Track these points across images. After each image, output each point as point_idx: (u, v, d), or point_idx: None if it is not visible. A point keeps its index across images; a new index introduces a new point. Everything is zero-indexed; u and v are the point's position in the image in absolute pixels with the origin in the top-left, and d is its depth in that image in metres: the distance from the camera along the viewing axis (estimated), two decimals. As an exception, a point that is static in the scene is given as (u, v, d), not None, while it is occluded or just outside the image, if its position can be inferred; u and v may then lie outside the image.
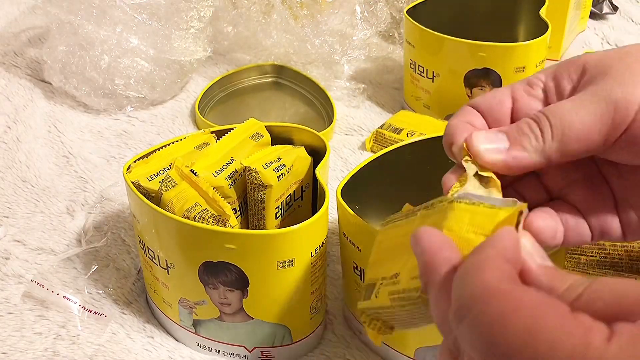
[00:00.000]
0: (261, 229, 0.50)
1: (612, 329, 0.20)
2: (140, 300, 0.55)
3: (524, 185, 0.34)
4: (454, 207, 0.29)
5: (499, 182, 0.31)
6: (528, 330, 0.21)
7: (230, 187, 0.49)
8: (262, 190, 0.48)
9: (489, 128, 0.33)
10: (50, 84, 0.79)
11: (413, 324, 0.31)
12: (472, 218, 0.28)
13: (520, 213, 0.27)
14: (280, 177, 0.48)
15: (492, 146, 0.31)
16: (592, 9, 0.96)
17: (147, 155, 0.49)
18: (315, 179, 0.50)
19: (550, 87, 0.32)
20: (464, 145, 0.32)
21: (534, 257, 0.25)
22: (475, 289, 0.23)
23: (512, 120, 0.32)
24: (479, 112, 0.33)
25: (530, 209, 0.32)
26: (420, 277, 0.27)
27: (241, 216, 0.51)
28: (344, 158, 0.72)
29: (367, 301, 0.33)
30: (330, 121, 0.75)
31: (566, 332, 0.20)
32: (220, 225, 0.45)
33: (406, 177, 0.53)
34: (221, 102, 0.81)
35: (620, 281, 0.22)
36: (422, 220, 0.31)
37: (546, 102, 0.32)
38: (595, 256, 0.51)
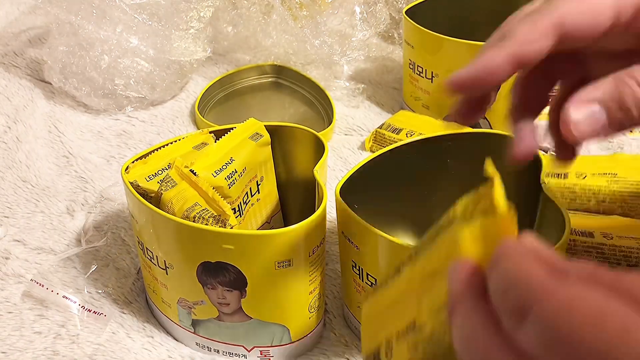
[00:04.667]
0: None
1: None
2: (140, 300, 0.55)
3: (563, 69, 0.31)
4: (451, 232, 0.27)
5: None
6: (595, 317, 0.20)
7: (229, 187, 0.49)
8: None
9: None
10: (50, 84, 0.79)
11: None
12: (473, 235, 0.26)
13: (510, 216, 0.26)
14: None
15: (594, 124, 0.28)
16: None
17: (145, 156, 0.49)
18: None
19: None
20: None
21: (545, 250, 0.25)
22: (531, 286, 0.22)
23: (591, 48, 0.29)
24: (559, 33, 0.28)
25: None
26: (448, 306, 0.26)
27: (240, 216, 0.52)
28: (344, 158, 0.72)
29: None
30: (330, 121, 0.75)
31: (633, 319, 0.20)
32: (220, 225, 0.45)
33: (405, 176, 0.53)
34: (221, 102, 0.81)
35: None
36: (426, 261, 0.29)
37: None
38: (593, 260, 0.51)
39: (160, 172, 0.49)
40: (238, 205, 0.51)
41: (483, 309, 0.24)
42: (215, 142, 0.52)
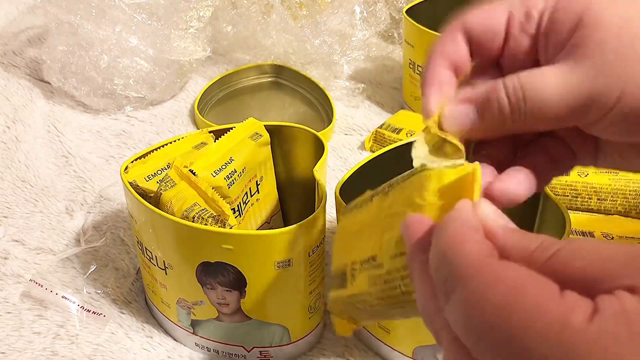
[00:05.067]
0: None
1: (596, 305, 0.20)
2: (139, 300, 0.55)
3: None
4: (418, 177, 0.29)
5: (461, 148, 0.30)
6: (505, 306, 0.21)
7: (229, 187, 0.49)
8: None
9: (471, 54, 0.32)
10: (50, 83, 0.79)
11: (388, 315, 0.30)
12: (435, 185, 0.28)
13: (473, 175, 0.27)
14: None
15: (461, 123, 0.30)
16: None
17: (144, 156, 0.49)
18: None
19: (542, 24, 0.30)
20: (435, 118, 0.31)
21: (497, 221, 0.25)
22: (457, 266, 0.23)
23: (502, 52, 0.31)
24: (467, 37, 0.32)
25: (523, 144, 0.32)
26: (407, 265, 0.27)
27: (240, 216, 0.51)
28: (344, 158, 0.72)
29: (341, 290, 0.32)
30: (330, 121, 0.75)
31: (543, 310, 0.20)
32: (220, 225, 0.45)
33: (405, 177, 0.53)
34: (220, 102, 0.80)
35: (603, 243, 0.22)
36: (393, 199, 0.30)
37: (534, 41, 0.31)
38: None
39: (159, 172, 0.49)
40: (237, 205, 0.51)
41: (428, 274, 0.25)
42: (215, 141, 0.51)
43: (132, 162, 0.48)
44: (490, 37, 0.31)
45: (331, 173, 0.69)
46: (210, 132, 0.52)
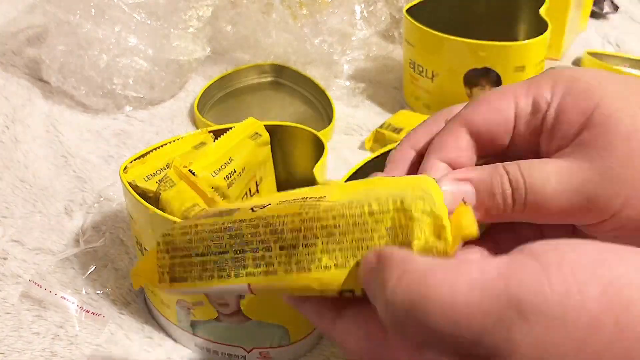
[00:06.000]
0: None
1: None
2: (139, 301, 0.55)
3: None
4: None
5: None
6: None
7: (228, 187, 0.49)
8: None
9: (477, 149, 0.30)
10: (49, 83, 0.78)
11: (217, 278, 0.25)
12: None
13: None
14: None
15: (456, 200, 0.28)
16: (593, 8, 0.96)
17: (144, 156, 0.49)
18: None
19: (549, 119, 0.29)
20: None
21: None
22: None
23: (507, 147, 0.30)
24: (472, 133, 0.30)
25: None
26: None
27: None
28: (344, 158, 0.72)
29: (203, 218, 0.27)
30: (330, 121, 0.74)
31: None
32: (219, 225, 0.45)
33: (405, 177, 0.52)
34: (220, 102, 0.80)
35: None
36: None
37: (538, 132, 0.29)
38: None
39: (158, 172, 0.48)
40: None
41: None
42: (214, 141, 0.51)
43: (131, 162, 0.48)
44: (498, 135, 0.30)
45: (331, 173, 0.69)
46: (209, 131, 0.52)
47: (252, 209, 0.26)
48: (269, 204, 0.26)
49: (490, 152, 0.30)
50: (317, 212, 0.25)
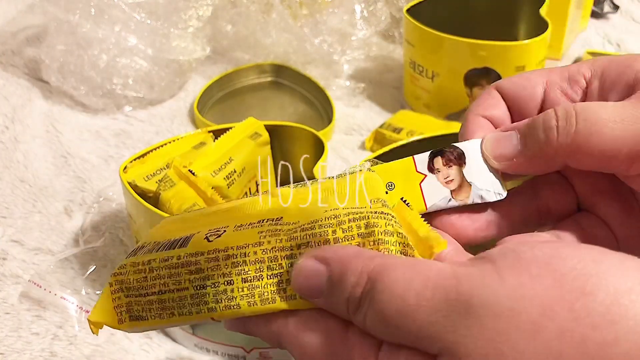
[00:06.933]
0: None
1: None
2: (138, 301, 0.55)
3: (550, 189, 0.31)
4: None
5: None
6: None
7: (228, 187, 0.49)
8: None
9: (511, 118, 0.30)
10: (48, 83, 0.78)
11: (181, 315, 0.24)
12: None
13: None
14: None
15: (503, 147, 0.29)
16: (593, 8, 0.96)
17: (143, 155, 0.49)
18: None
19: (593, 90, 0.29)
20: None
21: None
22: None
23: (540, 111, 0.30)
24: (503, 96, 0.31)
25: (555, 219, 0.30)
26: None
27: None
28: (344, 158, 0.72)
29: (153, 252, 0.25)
30: (330, 121, 0.74)
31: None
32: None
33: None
34: (220, 102, 0.80)
35: None
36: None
37: (583, 100, 0.29)
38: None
39: (158, 171, 0.48)
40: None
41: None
42: (214, 141, 0.51)
43: (131, 162, 0.48)
44: (526, 100, 0.30)
45: (331, 173, 0.69)
46: (209, 131, 0.52)
47: (207, 238, 0.25)
48: (225, 231, 0.25)
49: (520, 118, 0.31)
50: (279, 241, 0.24)
